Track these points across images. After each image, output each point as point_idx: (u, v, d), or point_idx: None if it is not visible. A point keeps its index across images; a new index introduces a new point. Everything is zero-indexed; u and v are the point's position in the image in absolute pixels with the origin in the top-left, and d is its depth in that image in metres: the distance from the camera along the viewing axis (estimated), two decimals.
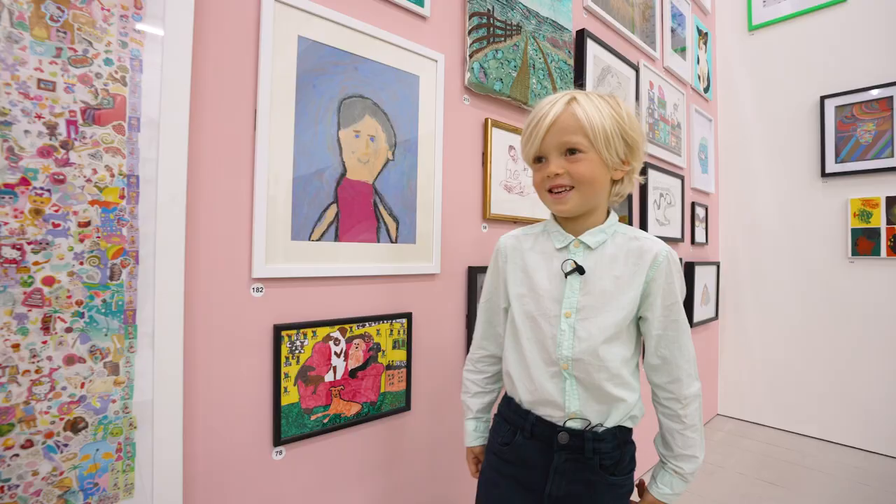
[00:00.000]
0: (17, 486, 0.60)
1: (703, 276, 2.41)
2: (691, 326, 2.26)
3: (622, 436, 0.77)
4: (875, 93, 2.16)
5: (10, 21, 0.59)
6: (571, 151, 0.72)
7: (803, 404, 2.41)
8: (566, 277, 0.76)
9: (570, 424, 0.75)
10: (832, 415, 2.31)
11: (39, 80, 0.62)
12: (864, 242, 2.19)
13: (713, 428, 2.53)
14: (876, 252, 2.16)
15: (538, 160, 0.76)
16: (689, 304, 2.30)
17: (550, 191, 0.75)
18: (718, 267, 2.62)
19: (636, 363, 0.79)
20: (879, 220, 2.15)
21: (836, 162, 2.26)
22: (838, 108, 2.26)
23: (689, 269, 2.31)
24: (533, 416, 0.77)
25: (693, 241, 2.38)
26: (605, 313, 0.74)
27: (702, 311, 2.41)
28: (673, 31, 2.21)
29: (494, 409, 0.91)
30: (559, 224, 0.80)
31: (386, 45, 1.01)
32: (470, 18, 1.18)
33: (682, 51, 2.29)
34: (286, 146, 0.86)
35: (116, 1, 0.68)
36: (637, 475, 0.83)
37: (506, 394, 0.86)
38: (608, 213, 0.80)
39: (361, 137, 0.96)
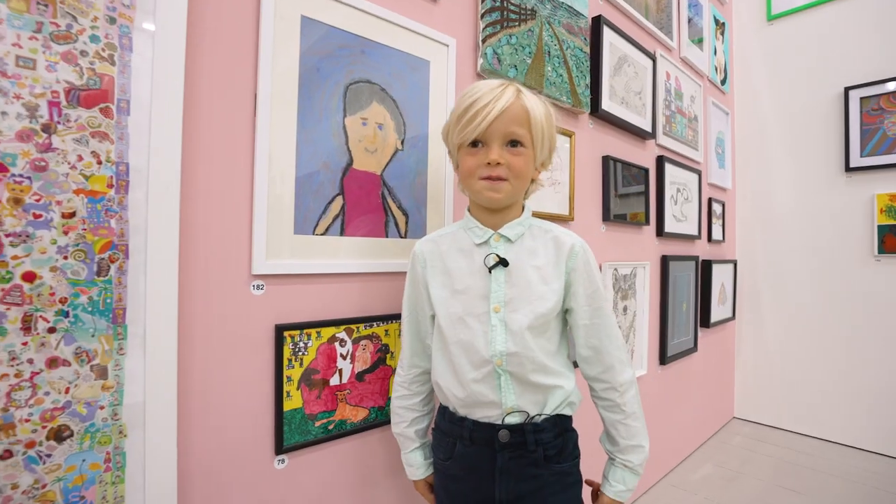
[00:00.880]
0: None
1: (719, 274, 2.33)
2: (707, 327, 2.21)
3: (562, 424, 0.78)
4: None
5: None
6: (513, 143, 0.72)
7: (825, 408, 2.32)
8: (490, 272, 0.74)
9: (508, 420, 0.74)
10: (856, 419, 2.23)
11: (18, 57, 0.56)
12: (891, 240, 2.10)
13: (730, 432, 2.45)
14: None
15: (474, 144, 0.73)
16: (705, 304, 2.23)
17: (486, 178, 0.72)
18: (735, 265, 2.53)
19: (566, 354, 0.79)
20: None
21: (862, 156, 2.17)
22: (864, 99, 2.16)
23: (705, 268, 2.23)
24: (470, 422, 0.75)
25: (710, 239, 2.30)
26: (533, 303, 0.74)
27: (718, 310, 2.33)
28: (690, 20, 2.13)
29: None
30: (477, 220, 0.78)
31: (395, 27, 0.95)
32: (483, 1, 1.11)
33: (699, 41, 2.21)
34: (288, 133, 0.80)
35: None
36: (583, 466, 0.82)
37: (440, 404, 0.83)
38: (523, 207, 0.81)
39: (369, 125, 0.91)
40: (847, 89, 2.20)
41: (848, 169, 2.21)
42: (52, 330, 0.59)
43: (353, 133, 0.88)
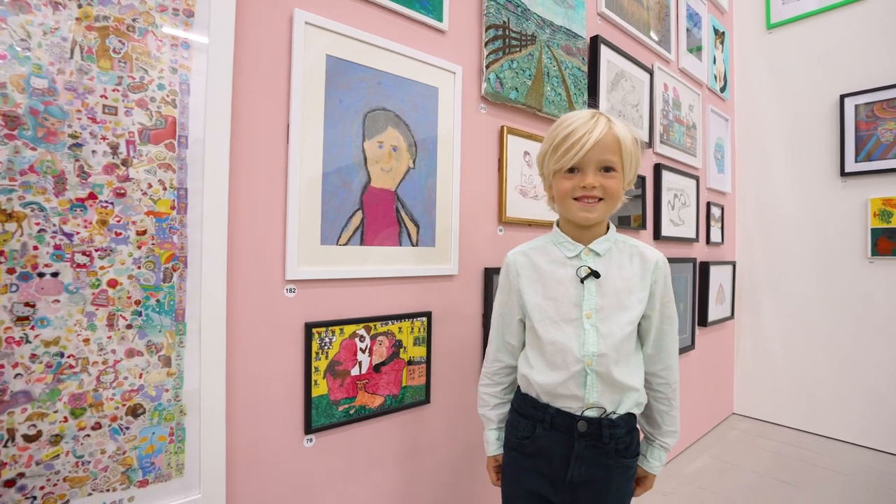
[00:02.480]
0: (89, 462, 0.69)
1: (717, 275, 2.42)
2: (706, 326, 2.30)
3: (631, 422, 0.86)
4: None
5: (80, 55, 0.67)
6: (606, 169, 0.80)
7: (822, 404, 2.40)
8: (582, 283, 0.83)
9: (587, 413, 0.82)
10: (852, 415, 2.31)
11: (104, 106, 0.70)
12: (884, 242, 2.17)
13: (728, 427, 2.54)
14: None
15: (571, 170, 0.82)
16: (702, 304, 2.32)
17: (578, 199, 0.81)
18: (734, 266, 2.62)
19: (641, 357, 0.89)
20: None
21: (856, 161, 2.25)
22: (858, 106, 2.24)
23: (703, 269, 2.32)
24: (552, 409, 0.84)
25: (708, 241, 2.39)
26: (621, 312, 0.83)
27: (717, 310, 2.42)
28: (688, 31, 2.22)
29: None
30: (566, 235, 0.87)
31: (407, 59, 1.07)
32: (486, 31, 1.23)
33: (697, 50, 2.30)
34: (316, 158, 0.93)
35: (168, 32, 0.76)
36: None
37: (519, 390, 0.92)
38: (607, 226, 0.89)
39: (384, 148, 1.03)
40: (843, 97, 2.28)
41: (843, 174, 2.29)
42: (129, 326, 0.73)
43: (371, 155, 1.01)
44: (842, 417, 2.33)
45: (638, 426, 0.92)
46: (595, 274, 0.83)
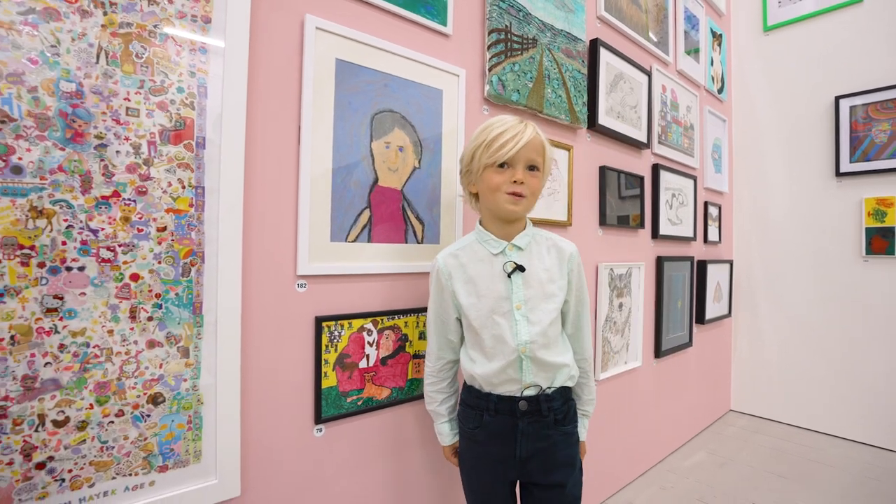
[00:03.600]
0: (113, 447, 0.72)
1: (715, 274, 2.46)
2: (703, 323, 2.34)
3: (566, 394, 0.97)
4: (890, 93, 2.17)
5: (106, 60, 0.71)
6: (532, 168, 0.90)
7: (817, 401, 2.44)
8: (509, 277, 0.91)
9: (525, 393, 0.91)
10: (846, 412, 2.34)
11: (127, 108, 0.73)
12: (878, 241, 2.21)
13: (725, 423, 2.58)
14: (890, 251, 2.18)
15: (501, 166, 0.89)
16: (700, 302, 2.36)
17: (510, 193, 0.88)
18: (731, 265, 2.65)
19: (565, 335, 0.99)
20: (894, 219, 2.17)
21: (851, 161, 2.29)
22: (853, 107, 2.27)
23: (701, 268, 2.36)
24: (494, 396, 0.92)
25: (706, 240, 2.43)
26: (546, 300, 0.93)
27: (714, 308, 2.46)
28: (686, 33, 2.26)
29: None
30: (490, 233, 0.94)
31: (413, 63, 1.10)
32: (489, 34, 1.26)
33: (695, 52, 2.33)
34: (326, 158, 0.96)
35: (187, 37, 0.79)
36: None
37: (465, 384, 0.99)
38: (526, 221, 0.98)
39: (391, 148, 1.07)
40: (838, 98, 2.31)
41: (838, 174, 2.33)
42: (150, 318, 0.76)
43: (379, 155, 1.04)
44: (837, 414, 2.37)
45: None
46: (520, 268, 0.91)
